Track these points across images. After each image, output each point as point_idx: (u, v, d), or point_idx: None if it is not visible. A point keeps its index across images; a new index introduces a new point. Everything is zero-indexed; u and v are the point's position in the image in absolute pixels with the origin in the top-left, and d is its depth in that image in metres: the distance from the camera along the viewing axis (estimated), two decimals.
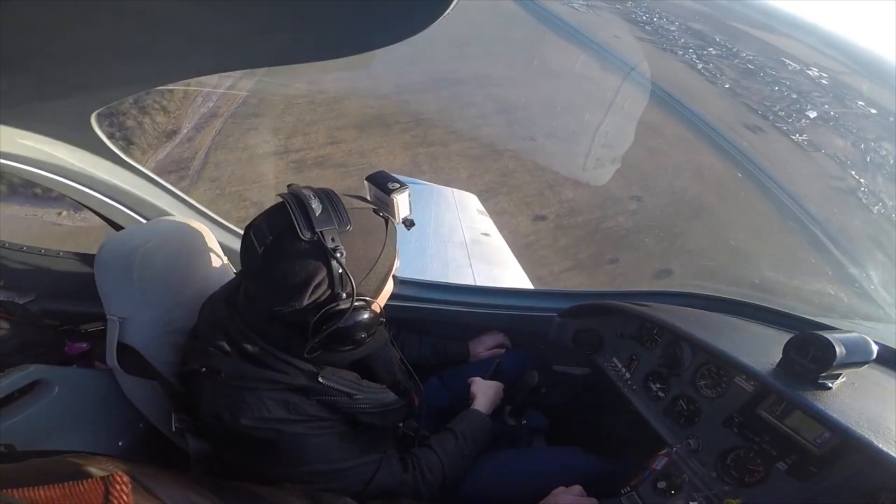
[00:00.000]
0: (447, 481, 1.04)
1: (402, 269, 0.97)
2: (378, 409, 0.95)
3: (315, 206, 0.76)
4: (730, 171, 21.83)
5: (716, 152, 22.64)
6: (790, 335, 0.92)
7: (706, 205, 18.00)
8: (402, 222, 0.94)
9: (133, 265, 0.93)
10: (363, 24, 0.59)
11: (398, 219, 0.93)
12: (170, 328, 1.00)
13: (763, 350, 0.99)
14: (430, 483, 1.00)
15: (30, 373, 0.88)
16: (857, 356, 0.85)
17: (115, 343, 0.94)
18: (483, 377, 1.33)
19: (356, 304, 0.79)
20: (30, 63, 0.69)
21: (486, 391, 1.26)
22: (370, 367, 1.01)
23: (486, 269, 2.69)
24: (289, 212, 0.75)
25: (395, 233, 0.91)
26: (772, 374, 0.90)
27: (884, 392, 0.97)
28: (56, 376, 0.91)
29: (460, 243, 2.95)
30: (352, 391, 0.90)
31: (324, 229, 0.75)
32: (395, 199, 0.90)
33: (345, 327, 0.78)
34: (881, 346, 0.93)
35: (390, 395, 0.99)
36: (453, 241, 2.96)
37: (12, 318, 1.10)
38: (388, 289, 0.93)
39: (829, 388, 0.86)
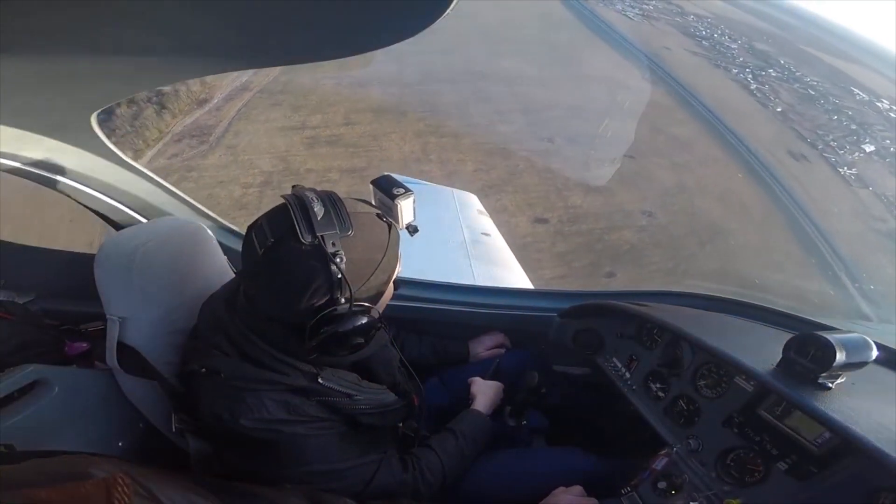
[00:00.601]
0: (447, 481, 1.04)
1: (403, 269, 0.97)
2: (378, 410, 0.95)
3: (317, 209, 0.76)
4: (759, 197, 19.78)
5: (748, 175, 20.73)
6: (790, 335, 0.92)
7: (724, 229, 16.24)
8: (406, 228, 0.94)
9: (133, 265, 0.93)
10: (363, 25, 0.59)
11: (402, 224, 0.93)
12: (170, 328, 0.99)
13: (763, 350, 0.98)
14: (430, 483, 1.00)
15: (29, 373, 0.88)
16: (857, 356, 0.85)
17: (115, 343, 0.94)
18: (483, 377, 1.33)
19: (354, 309, 0.79)
20: (30, 63, 0.69)
21: (486, 391, 1.26)
22: (370, 367, 1.01)
23: (486, 269, 2.68)
24: (290, 214, 0.75)
25: (398, 238, 0.90)
26: (772, 374, 0.90)
27: (884, 392, 0.97)
28: (56, 376, 0.91)
29: (460, 243, 2.94)
30: (352, 392, 0.90)
31: (325, 233, 0.75)
32: (400, 204, 0.90)
33: (342, 332, 0.78)
34: (881, 347, 0.93)
35: (390, 396, 0.99)
36: (453, 241, 2.94)
37: (12, 318, 1.10)
38: (389, 294, 0.93)
39: (829, 388, 0.86)
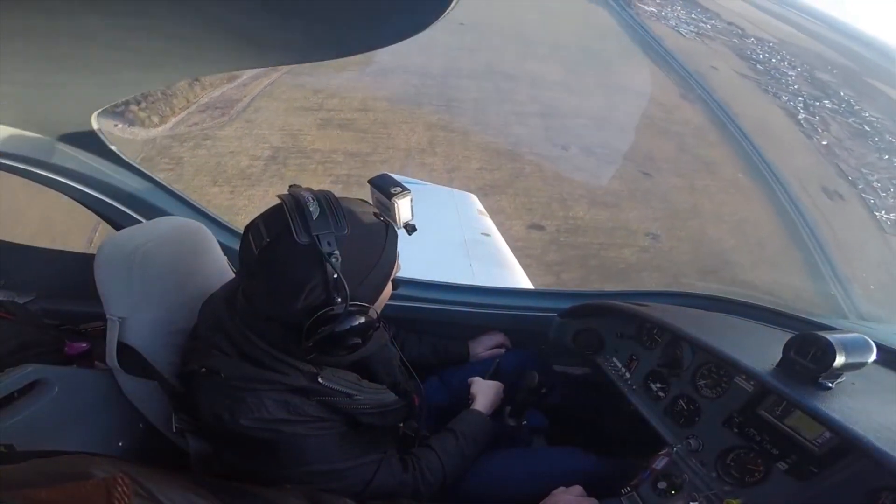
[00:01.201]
0: (447, 481, 1.04)
1: (402, 269, 0.97)
2: (378, 410, 0.95)
3: (313, 209, 0.75)
4: (779, 232, 17.71)
5: (771, 208, 19.00)
6: (790, 335, 0.92)
7: (732, 262, 14.87)
8: (404, 227, 0.94)
9: (133, 265, 0.93)
10: (364, 25, 0.59)
11: (399, 223, 0.92)
12: (170, 328, 0.99)
13: (763, 350, 0.98)
14: (430, 483, 1.00)
15: (30, 373, 0.87)
16: (856, 356, 0.85)
17: (115, 343, 0.93)
18: (483, 377, 1.32)
19: (350, 309, 0.78)
20: (30, 63, 0.69)
21: (486, 391, 1.26)
22: (370, 367, 1.01)
23: (485, 269, 2.68)
24: (286, 214, 0.75)
25: (396, 237, 0.90)
26: (772, 374, 0.90)
27: (884, 392, 0.97)
28: (56, 376, 0.91)
29: (460, 243, 2.94)
30: (352, 392, 0.89)
31: (320, 233, 0.74)
32: (397, 203, 0.89)
33: (339, 332, 0.78)
34: (881, 347, 0.93)
35: (390, 396, 0.99)
36: (453, 241, 2.94)
37: (12, 318, 1.10)
38: (387, 294, 0.92)
39: (829, 388, 0.86)
